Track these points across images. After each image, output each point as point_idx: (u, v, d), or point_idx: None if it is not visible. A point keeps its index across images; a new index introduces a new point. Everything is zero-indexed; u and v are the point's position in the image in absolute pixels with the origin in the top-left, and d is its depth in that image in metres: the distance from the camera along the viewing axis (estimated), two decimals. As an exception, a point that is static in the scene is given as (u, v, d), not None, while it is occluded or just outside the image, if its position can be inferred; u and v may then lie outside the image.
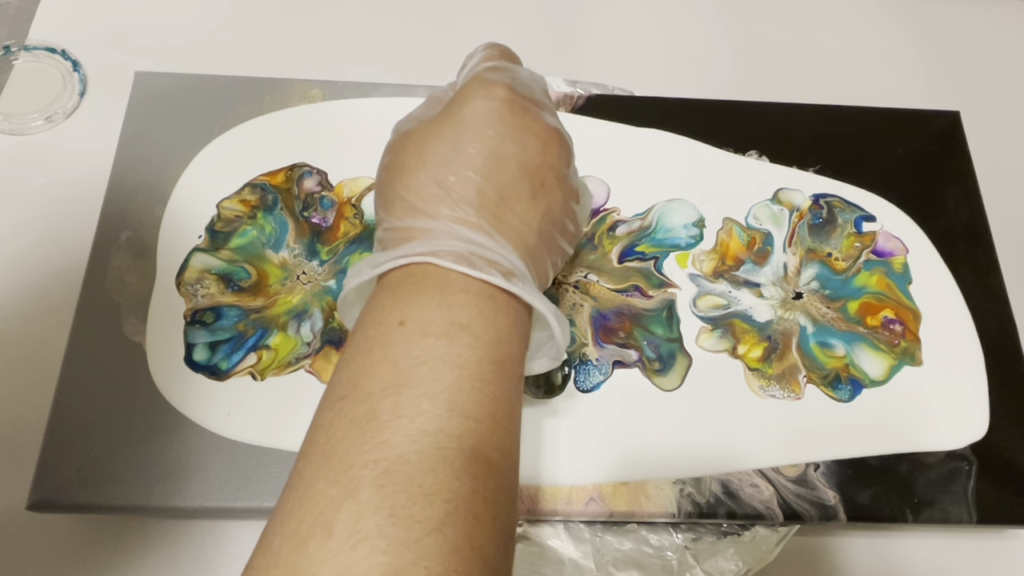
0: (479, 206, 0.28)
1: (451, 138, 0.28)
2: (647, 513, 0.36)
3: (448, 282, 0.27)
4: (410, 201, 0.28)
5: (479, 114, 0.29)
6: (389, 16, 0.54)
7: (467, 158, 0.28)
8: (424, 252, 0.27)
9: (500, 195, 0.28)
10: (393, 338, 0.26)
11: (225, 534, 0.38)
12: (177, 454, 0.36)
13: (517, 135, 0.29)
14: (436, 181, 0.28)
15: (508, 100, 0.29)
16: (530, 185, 0.29)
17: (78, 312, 0.38)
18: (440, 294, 0.26)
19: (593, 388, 0.39)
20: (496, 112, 0.29)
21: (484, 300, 0.27)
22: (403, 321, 0.26)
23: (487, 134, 0.28)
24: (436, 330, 0.26)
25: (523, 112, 0.29)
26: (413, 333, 0.26)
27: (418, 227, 0.27)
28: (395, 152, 0.30)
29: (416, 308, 0.26)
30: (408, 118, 0.32)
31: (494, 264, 0.27)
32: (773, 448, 0.38)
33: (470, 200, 0.28)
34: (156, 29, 0.51)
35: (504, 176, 0.28)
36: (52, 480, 0.35)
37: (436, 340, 0.26)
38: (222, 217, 0.41)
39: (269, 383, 0.38)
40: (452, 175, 0.28)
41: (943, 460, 0.39)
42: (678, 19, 0.56)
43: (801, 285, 0.43)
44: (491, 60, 0.32)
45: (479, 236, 0.27)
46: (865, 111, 0.48)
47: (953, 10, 0.58)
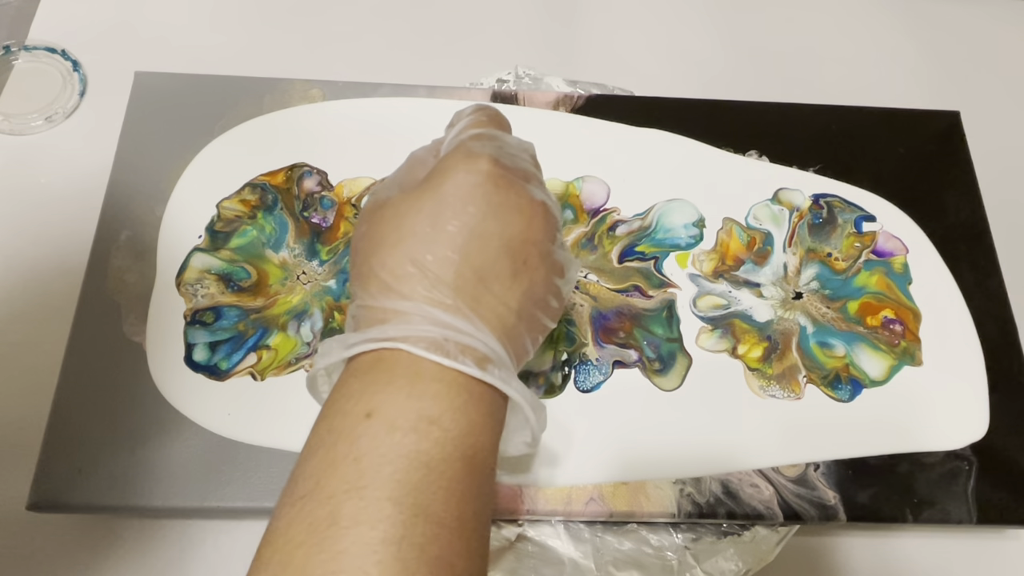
0: (456, 287, 0.26)
1: (430, 214, 0.27)
2: (647, 513, 0.36)
3: (420, 370, 0.25)
4: (384, 280, 0.27)
5: (461, 189, 0.27)
6: (389, 16, 0.54)
7: (446, 236, 0.27)
8: (396, 337, 0.26)
9: (479, 275, 0.27)
10: (358, 432, 0.25)
11: (225, 534, 0.38)
12: (177, 454, 0.36)
13: (500, 212, 0.28)
14: (412, 260, 0.27)
15: (492, 175, 0.28)
16: (511, 264, 0.28)
17: (78, 312, 0.38)
18: (410, 384, 0.25)
19: (593, 388, 0.39)
20: (479, 187, 0.27)
21: (456, 390, 0.26)
22: (370, 413, 0.25)
23: (468, 211, 0.27)
24: (404, 424, 0.24)
25: (507, 187, 0.28)
26: (380, 427, 0.24)
27: (392, 308, 0.26)
28: (372, 223, 0.29)
29: (384, 399, 0.25)
30: (388, 184, 0.30)
31: (469, 350, 0.26)
32: (773, 448, 0.38)
33: (447, 281, 0.26)
34: (156, 29, 0.51)
35: (484, 255, 0.27)
36: (52, 480, 0.35)
37: (403, 436, 0.24)
38: (222, 217, 0.41)
39: (269, 383, 0.38)
40: (430, 254, 0.27)
41: (943, 460, 0.39)
42: (678, 19, 0.56)
43: (801, 285, 0.43)
44: (478, 127, 0.30)
45: (455, 319, 0.26)
46: (865, 111, 0.48)
47: (953, 10, 0.58)
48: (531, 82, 0.49)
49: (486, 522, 0.26)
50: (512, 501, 0.36)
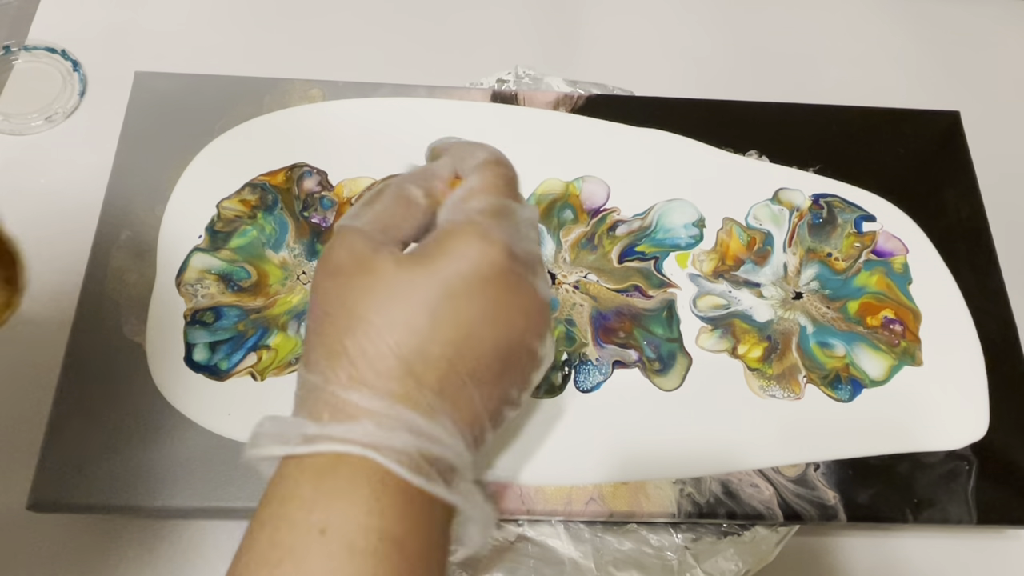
0: (439, 390, 0.24)
1: (428, 305, 0.24)
2: (647, 513, 0.36)
3: (386, 483, 0.23)
4: (360, 369, 0.24)
5: (468, 282, 0.25)
6: (389, 16, 0.54)
7: (442, 335, 0.24)
8: (366, 443, 0.23)
9: (464, 379, 0.25)
10: (311, 551, 0.22)
11: (225, 534, 0.38)
12: (177, 454, 0.36)
13: (504, 314, 0.25)
14: (398, 354, 0.24)
15: (504, 270, 0.25)
16: (501, 367, 0.25)
17: (78, 312, 0.38)
18: (375, 497, 0.22)
19: (593, 388, 0.39)
20: (489, 284, 0.25)
21: (420, 506, 0.23)
22: (324, 529, 0.22)
23: (472, 310, 0.25)
24: (363, 545, 0.22)
25: (517, 285, 0.26)
26: (336, 547, 0.22)
27: (363, 405, 0.23)
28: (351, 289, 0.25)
29: (342, 512, 0.22)
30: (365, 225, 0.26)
31: (439, 461, 0.24)
32: (773, 448, 0.38)
33: (430, 383, 0.24)
34: (156, 29, 0.51)
35: (476, 358, 0.25)
36: (52, 480, 0.35)
37: (363, 561, 0.22)
38: (222, 217, 0.41)
39: (269, 383, 0.38)
40: (419, 351, 0.24)
41: (943, 460, 0.39)
42: (678, 19, 0.56)
43: (801, 285, 0.43)
44: (492, 194, 0.27)
45: (430, 425, 0.24)
46: (865, 111, 0.48)
47: (953, 10, 0.58)
48: (531, 82, 0.49)
49: None
50: (512, 501, 0.36)
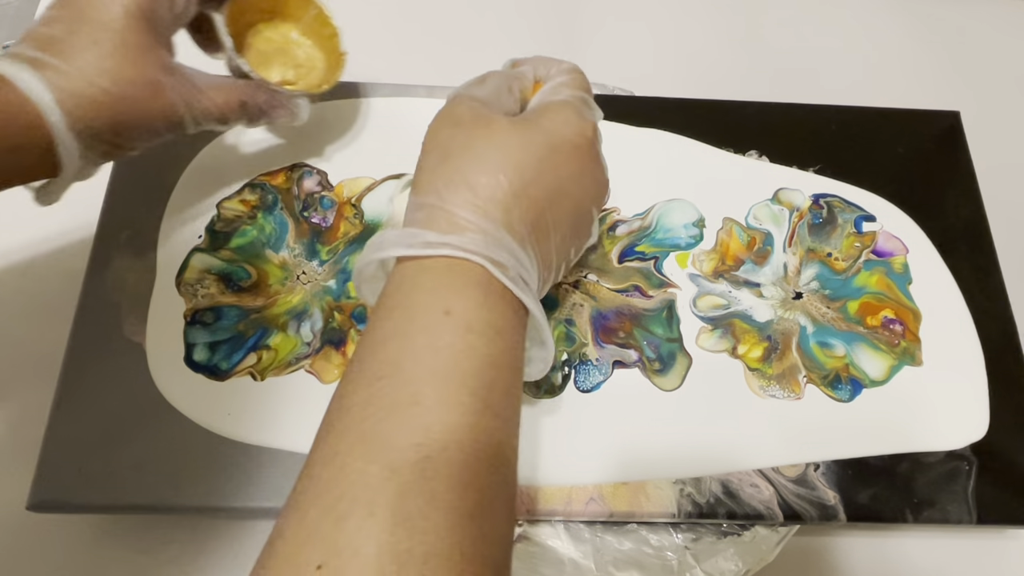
0: (532, 227, 0.29)
1: (537, 155, 0.29)
2: (647, 513, 0.36)
3: (490, 286, 0.27)
4: (478, 195, 0.28)
5: (567, 145, 0.30)
6: (389, 16, 0.54)
7: (543, 181, 0.29)
8: (480, 253, 0.27)
9: (549, 224, 0.29)
10: (439, 327, 0.26)
11: (226, 534, 0.38)
12: (177, 454, 0.36)
13: (585, 179, 0.31)
14: (508, 189, 0.28)
15: (592, 143, 0.31)
16: (573, 223, 0.31)
17: (78, 312, 0.38)
18: (484, 295, 0.27)
19: (593, 388, 0.39)
20: (580, 150, 0.30)
21: (512, 311, 0.28)
22: (449, 311, 0.26)
23: (566, 167, 0.30)
24: (478, 328, 0.26)
25: (596, 160, 0.32)
26: (458, 326, 0.26)
27: (475, 222, 0.28)
28: (473, 137, 0.30)
29: (461, 302, 0.27)
30: (482, 98, 0.31)
31: (528, 284, 0.29)
32: (773, 448, 0.38)
33: (527, 220, 0.29)
34: (156, 29, 0.51)
35: (561, 209, 0.30)
36: (52, 480, 0.35)
37: (478, 338, 0.26)
38: (222, 217, 0.41)
39: (269, 383, 0.38)
40: (524, 190, 0.28)
41: (943, 460, 0.39)
42: (678, 19, 0.56)
43: (801, 285, 0.43)
44: (580, 89, 0.33)
45: (522, 253, 0.28)
46: (865, 111, 0.48)
47: (953, 10, 0.58)
48: (531, 82, 0.49)
49: (519, 418, 0.28)
50: (512, 501, 0.36)
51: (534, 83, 0.34)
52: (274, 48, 0.41)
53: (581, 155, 0.31)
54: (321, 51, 0.42)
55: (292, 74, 0.41)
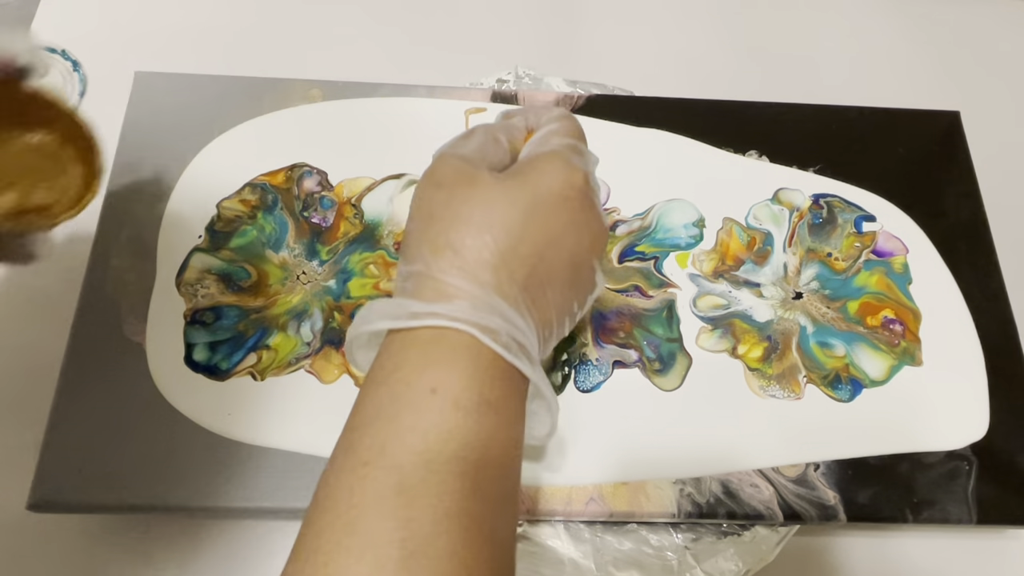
0: (524, 286, 0.28)
1: (523, 211, 0.28)
2: (647, 513, 0.36)
3: (480, 356, 0.26)
4: (464, 258, 0.27)
5: (555, 197, 0.29)
6: (389, 17, 0.54)
7: (531, 238, 0.28)
8: (468, 321, 0.26)
9: (544, 280, 0.28)
10: (424, 406, 0.25)
11: (225, 534, 0.38)
12: (177, 454, 0.36)
13: (579, 229, 0.29)
14: (494, 249, 0.27)
15: (583, 192, 0.30)
16: (570, 277, 0.30)
17: (78, 312, 0.38)
18: (473, 366, 0.26)
19: (593, 388, 0.39)
20: (571, 201, 0.29)
21: (507, 380, 0.27)
22: (435, 389, 0.26)
23: (556, 220, 0.29)
24: (467, 404, 0.26)
25: (590, 208, 0.30)
26: (445, 404, 0.25)
27: (463, 288, 0.27)
28: (457, 197, 0.29)
29: (449, 377, 0.26)
30: (466, 154, 0.30)
31: (522, 348, 0.27)
32: (773, 448, 0.38)
33: (518, 279, 0.28)
34: (156, 30, 0.51)
35: (555, 263, 0.29)
36: (52, 480, 0.35)
37: (466, 416, 0.25)
38: (222, 217, 0.41)
39: (269, 383, 0.38)
40: (512, 249, 0.28)
41: (943, 460, 0.39)
42: (678, 19, 0.56)
43: (801, 285, 0.43)
44: (570, 137, 0.31)
45: (515, 315, 0.27)
46: (865, 111, 0.48)
47: (953, 10, 0.58)
48: (531, 82, 0.49)
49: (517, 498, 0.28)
50: (512, 501, 0.36)
51: (526, 133, 0.33)
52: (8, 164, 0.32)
53: (572, 206, 0.29)
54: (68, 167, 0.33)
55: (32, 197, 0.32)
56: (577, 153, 0.31)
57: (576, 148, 0.31)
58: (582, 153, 0.31)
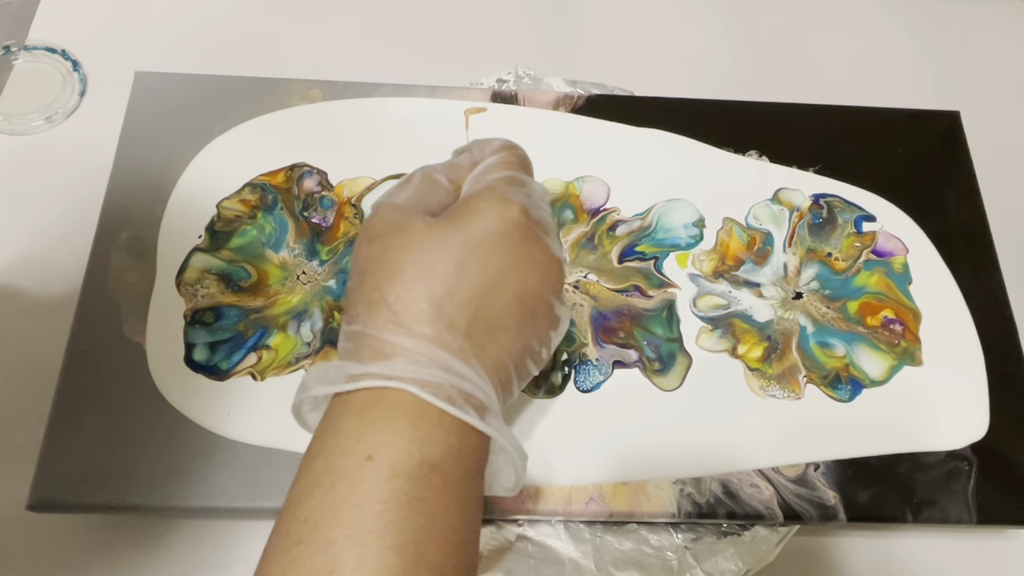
0: (467, 333, 0.27)
1: (456, 255, 0.27)
2: (647, 513, 0.36)
3: (422, 414, 0.25)
4: (397, 313, 0.26)
5: (491, 235, 0.28)
6: (389, 16, 0.54)
7: (468, 281, 0.27)
8: (404, 378, 0.25)
9: (490, 324, 0.27)
10: (360, 475, 0.24)
11: (225, 534, 0.38)
12: (177, 454, 0.36)
13: (522, 265, 0.28)
14: (429, 299, 0.26)
15: (521, 226, 0.28)
16: (520, 316, 0.28)
17: (78, 312, 0.38)
18: (413, 427, 0.25)
19: (593, 388, 0.39)
20: (508, 237, 0.28)
21: (456, 436, 0.25)
22: (371, 455, 0.24)
23: (494, 259, 0.27)
24: (406, 470, 0.24)
25: (533, 241, 0.29)
26: (382, 471, 0.24)
27: (399, 344, 0.26)
28: (389, 248, 0.28)
29: (386, 440, 0.25)
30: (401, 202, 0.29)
31: (471, 399, 0.26)
32: (773, 448, 0.38)
33: (460, 326, 0.26)
34: (156, 29, 0.51)
35: (499, 305, 0.27)
36: (52, 480, 0.35)
37: (406, 482, 0.24)
38: (222, 217, 0.41)
39: (269, 383, 0.38)
40: (448, 296, 0.26)
41: (943, 460, 0.39)
42: (678, 19, 0.56)
43: (801, 285, 0.43)
44: (508, 168, 0.30)
45: (461, 366, 0.26)
46: (865, 111, 0.48)
47: (953, 10, 0.58)
48: (531, 82, 0.49)
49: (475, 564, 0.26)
50: (512, 501, 0.36)
51: (471, 169, 0.32)
52: None
53: (511, 243, 0.28)
54: None
55: None
56: (515, 185, 0.29)
57: (514, 180, 0.30)
58: (522, 184, 0.30)
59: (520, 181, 0.30)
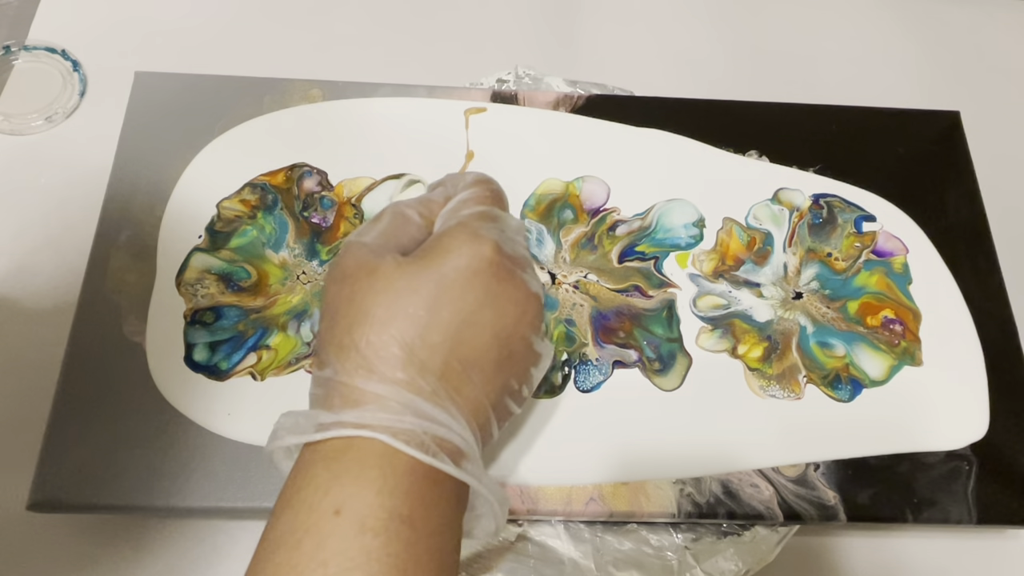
0: (441, 376, 0.26)
1: (427, 296, 0.26)
2: (647, 513, 0.36)
3: (394, 463, 0.24)
4: (367, 357, 0.25)
5: (462, 274, 0.27)
6: (389, 16, 0.54)
7: (440, 323, 0.26)
8: (374, 426, 0.24)
9: (465, 365, 0.26)
10: (326, 531, 0.23)
11: (225, 534, 0.38)
12: (177, 454, 0.36)
13: (497, 302, 0.27)
14: (401, 342, 0.26)
15: (495, 262, 0.27)
16: (497, 355, 0.27)
17: (78, 312, 0.38)
18: (383, 477, 0.24)
19: (593, 388, 0.39)
20: (480, 275, 0.27)
21: (429, 485, 0.25)
22: (339, 510, 0.24)
23: (467, 299, 0.27)
24: (374, 524, 0.23)
25: (508, 277, 0.28)
26: (349, 527, 0.23)
27: (370, 391, 0.25)
28: (358, 290, 0.27)
29: (354, 493, 0.24)
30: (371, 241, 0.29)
31: (446, 444, 0.25)
32: (773, 448, 0.38)
33: (433, 369, 0.26)
34: (156, 29, 0.51)
35: (474, 345, 0.27)
36: (52, 480, 0.35)
37: (374, 537, 0.23)
38: (222, 217, 0.41)
39: (269, 383, 0.38)
40: (420, 339, 0.26)
41: (943, 460, 0.39)
42: (678, 19, 0.56)
43: (801, 285, 0.43)
44: (481, 203, 0.30)
45: (435, 410, 0.25)
46: (865, 111, 0.48)
47: (953, 10, 0.58)
48: (531, 82, 0.49)
49: None
50: (512, 501, 0.36)
51: (445, 204, 0.31)
52: None
53: (484, 280, 0.27)
54: None
55: None
56: (488, 220, 0.29)
57: (487, 215, 0.29)
58: (495, 219, 0.29)
59: (493, 216, 0.29)
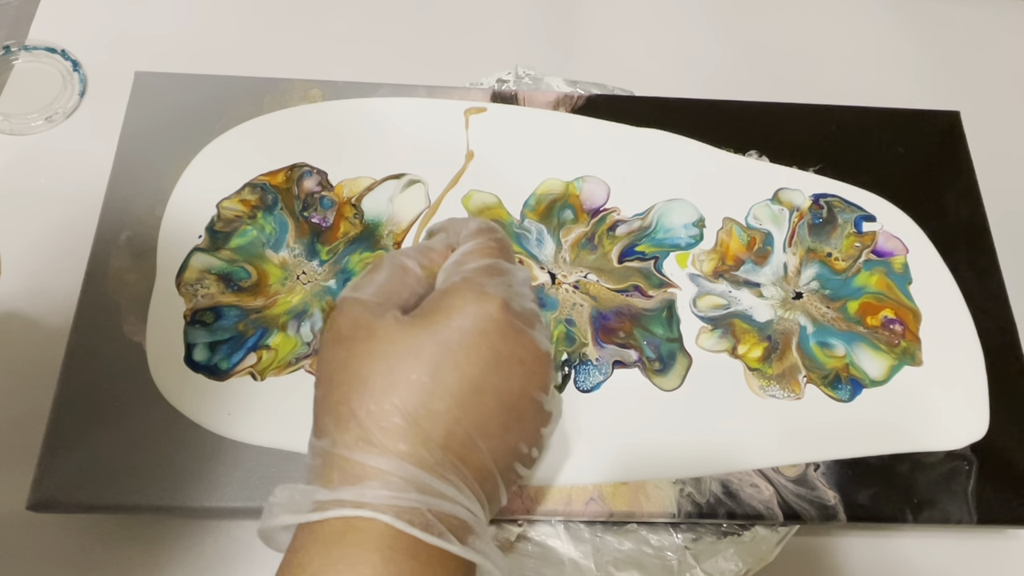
0: (445, 445, 0.24)
1: (430, 361, 0.25)
2: (647, 513, 0.36)
3: (395, 544, 0.23)
4: (368, 428, 0.24)
5: (468, 336, 0.25)
6: (389, 16, 0.54)
7: (444, 389, 0.25)
8: (376, 506, 0.23)
9: (471, 433, 0.25)
10: None
11: (225, 534, 0.38)
12: (177, 454, 0.36)
13: (504, 365, 0.26)
14: (403, 412, 0.24)
15: (502, 322, 0.26)
16: (505, 420, 0.26)
17: (78, 312, 0.38)
18: (383, 562, 0.23)
19: (593, 388, 0.39)
20: (487, 336, 0.26)
21: (433, 567, 0.23)
22: None
23: (472, 362, 0.25)
24: None
25: (515, 338, 0.26)
26: None
27: (371, 466, 0.24)
28: (355, 353, 0.25)
29: None
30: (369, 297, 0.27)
31: (451, 519, 0.24)
32: (773, 448, 0.38)
33: (437, 439, 0.24)
34: (156, 29, 0.51)
35: (480, 412, 0.25)
36: (52, 480, 0.35)
37: None
38: (222, 217, 0.41)
39: (269, 383, 0.38)
40: (423, 407, 0.24)
41: (943, 460, 0.39)
42: (678, 19, 0.56)
43: (801, 285, 0.43)
44: (486, 256, 0.28)
45: (439, 483, 0.24)
46: (865, 111, 0.48)
47: (953, 10, 0.58)
48: (531, 82, 0.49)
49: None
50: (512, 501, 0.36)
51: (447, 252, 0.30)
52: None
53: (491, 341, 0.25)
54: None
55: None
56: (495, 275, 0.27)
57: (492, 269, 0.27)
58: (502, 273, 0.28)
59: (500, 270, 0.28)
